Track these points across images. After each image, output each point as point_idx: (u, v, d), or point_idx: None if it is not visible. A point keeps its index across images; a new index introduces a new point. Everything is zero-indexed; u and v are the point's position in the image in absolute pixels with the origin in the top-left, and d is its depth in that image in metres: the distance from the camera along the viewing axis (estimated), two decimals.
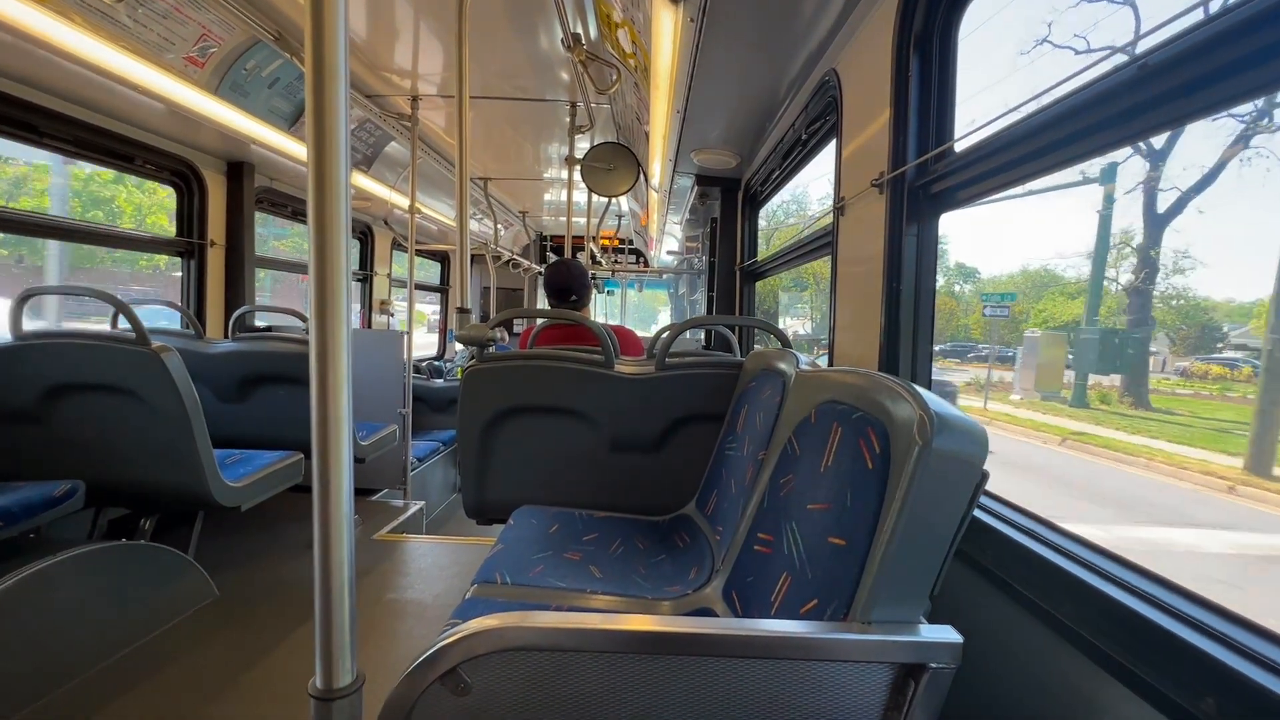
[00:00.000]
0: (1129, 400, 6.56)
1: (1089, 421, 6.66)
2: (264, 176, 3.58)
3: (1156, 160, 6.24)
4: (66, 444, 2.06)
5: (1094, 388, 7.05)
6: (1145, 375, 6.65)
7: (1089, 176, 5.46)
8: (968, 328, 15.41)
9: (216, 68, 2.48)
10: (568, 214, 3.74)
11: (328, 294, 0.70)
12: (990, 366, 10.69)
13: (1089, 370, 6.91)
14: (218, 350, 2.71)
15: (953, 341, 15.52)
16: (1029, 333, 8.87)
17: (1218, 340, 7.20)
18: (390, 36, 2.61)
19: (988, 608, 1.09)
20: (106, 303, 2.06)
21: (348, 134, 0.71)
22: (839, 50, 1.85)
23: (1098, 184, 5.68)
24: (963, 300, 16.72)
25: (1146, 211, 6.48)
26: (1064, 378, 7.72)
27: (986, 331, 14.59)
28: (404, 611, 2.13)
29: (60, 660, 1.61)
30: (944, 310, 15.79)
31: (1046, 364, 7.95)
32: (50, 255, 3.65)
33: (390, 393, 3.40)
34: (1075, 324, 9.81)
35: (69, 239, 2.83)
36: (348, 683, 0.73)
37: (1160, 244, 6.60)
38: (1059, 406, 7.36)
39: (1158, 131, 0.83)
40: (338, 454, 0.72)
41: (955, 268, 17.33)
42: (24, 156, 3.39)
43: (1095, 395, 6.99)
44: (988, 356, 13.56)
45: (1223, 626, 0.71)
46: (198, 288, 3.27)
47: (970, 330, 15.17)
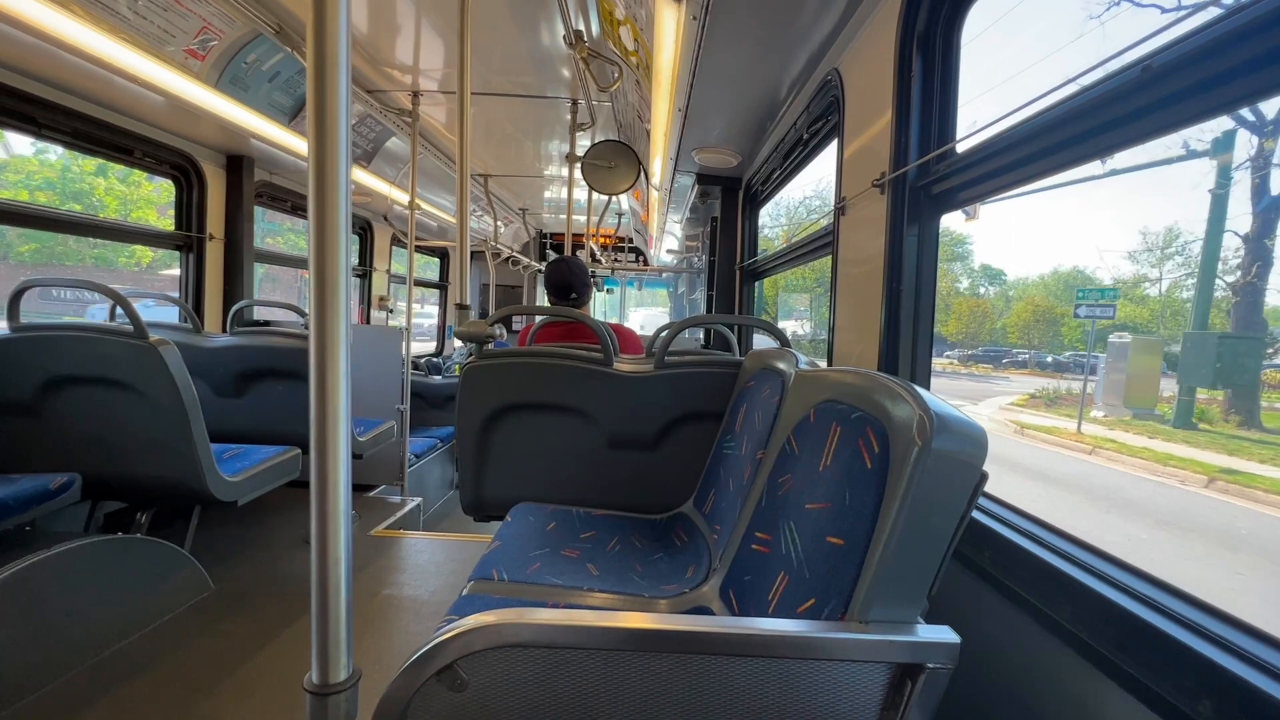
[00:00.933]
0: (1236, 418, 5.27)
1: (1212, 449, 5.20)
2: (263, 171, 3.57)
3: (1266, 131, 4.94)
4: (63, 437, 2.06)
5: None
6: (1257, 388, 5.36)
7: (1193, 150, 4.46)
8: (1004, 330, 14.98)
9: (217, 61, 2.47)
10: (568, 211, 3.73)
11: (327, 289, 0.70)
12: (1058, 377, 9.38)
13: (1199, 382, 5.45)
14: (216, 344, 2.71)
15: (986, 346, 15.01)
16: (1115, 337, 7.23)
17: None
18: (392, 31, 2.60)
19: (985, 608, 1.09)
20: (105, 295, 2.06)
21: (349, 129, 0.71)
22: (841, 49, 1.84)
23: (1208, 158, 4.61)
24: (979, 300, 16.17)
25: (1258, 191, 5.21)
26: (1158, 390, 6.54)
27: (1024, 335, 13.75)
28: (401, 607, 2.13)
29: (56, 653, 1.61)
30: (977, 312, 15.54)
31: (1139, 375, 6.56)
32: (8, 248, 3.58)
33: (389, 389, 3.40)
34: (1129, 326, 9.32)
35: (70, 231, 2.82)
36: (344, 678, 0.73)
37: (1277, 231, 5.25)
38: (1157, 427, 6.06)
39: (1162, 134, 0.82)
40: (335, 449, 0.72)
41: (981, 269, 16.73)
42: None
43: None
44: (1026, 362, 12.58)
45: (1220, 629, 0.71)
46: (196, 282, 3.26)
47: (1007, 333, 14.67)
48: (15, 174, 3.59)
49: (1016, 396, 9.59)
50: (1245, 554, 3.43)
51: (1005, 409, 8.73)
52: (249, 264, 3.43)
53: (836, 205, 1.82)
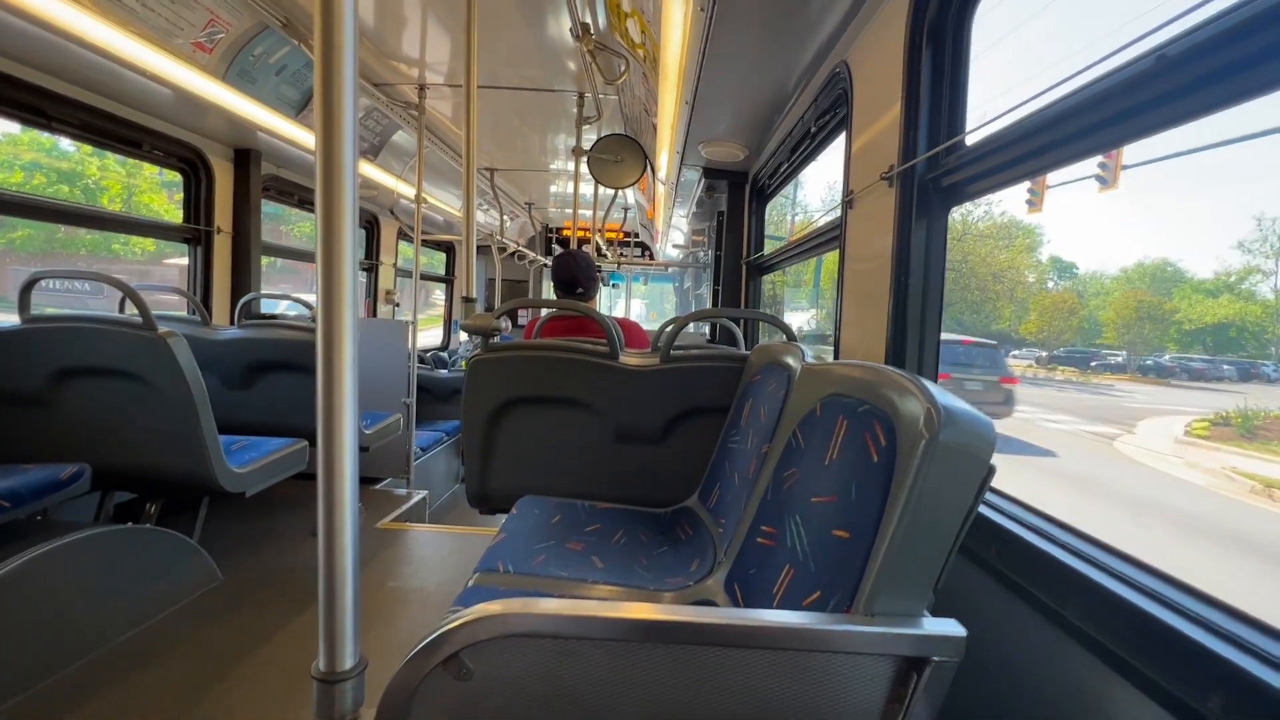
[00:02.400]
0: None
1: None
2: (271, 164, 3.58)
3: None
4: (73, 427, 2.08)
5: None
6: None
7: None
8: (1087, 328, 13.28)
9: (224, 54, 2.47)
10: (574, 206, 3.73)
11: (334, 282, 0.70)
12: (1181, 385, 7.21)
13: None
14: (224, 337, 2.72)
15: (1070, 346, 13.39)
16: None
17: None
18: (398, 24, 2.60)
19: (992, 602, 1.08)
20: (114, 288, 2.07)
21: (356, 122, 0.71)
22: (850, 41, 1.83)
23: None
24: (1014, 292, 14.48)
25: None
26: None
27: (1123, 334, 11.80)
28: (407, 598, 2.14)
29: (66, 641, 1.63)
30: (1062, 307, 14.14)
31: None
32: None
33: (395, 382, 3.41)
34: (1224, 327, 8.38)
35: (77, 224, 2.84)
36: (350, 666, 0.74)
37: None
38: None
39: (1175, 124, 0.81)
40: (342, 442, 0.72)
41: (1050, 261, 15.27)
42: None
43: None
44: (1123, 365, 10.68)
45: (1230, 625, 0.71)
46: (204, 274, 3.27)
47: (1099, 331, 12.92)
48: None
49: (1181, 418, 6.69)
50: None
51: (1186, 442, 5.85)
52: (256, 257, 3.44)
53: (844, 199, 1.81)
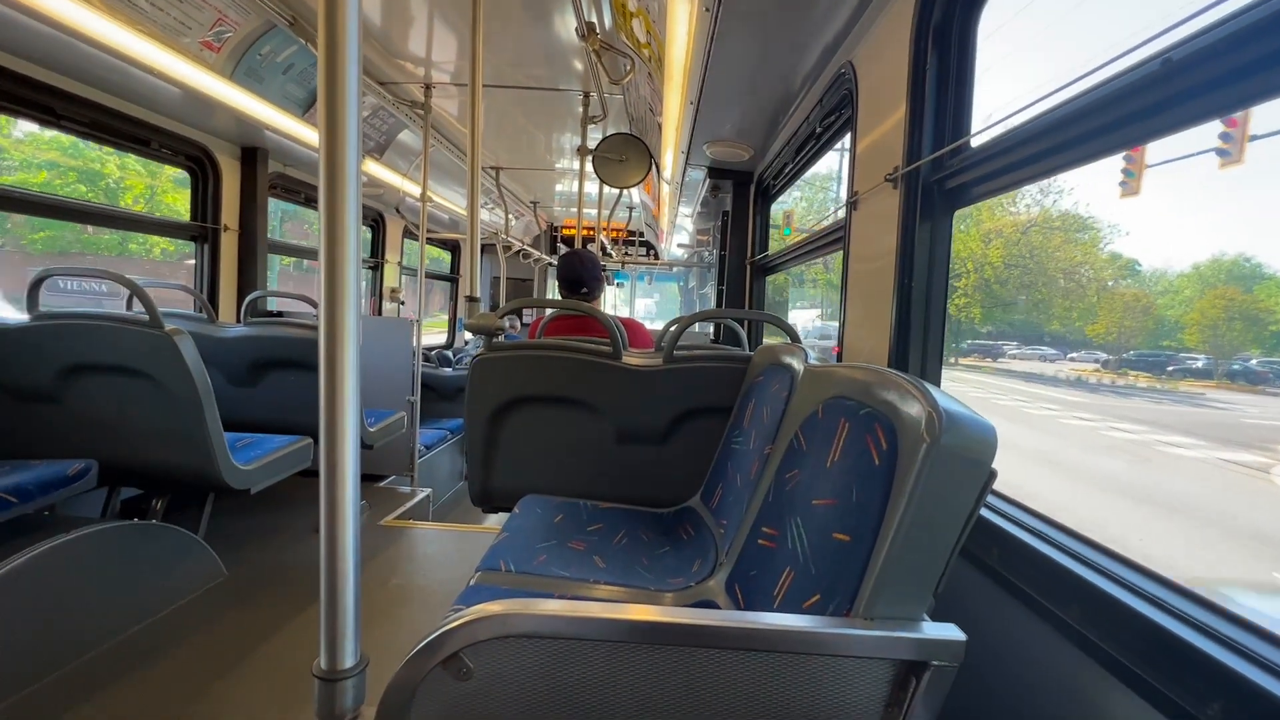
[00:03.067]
0: None
1: None
2: (277, 163, 3.59)
3: None
4: (81, 423, 2.09)
5: None
6: None
7: None
8: (1169, 329, 11.85)
9: (231, 53, 2.48)
10: (578, 205, 3.73)
11: (337, 280, 0.71)
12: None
13: None
14: (230, 334, 2.74)
15: (1140, 350, 12.10)
16: None
17: None
18: (404, 23, 2.61)
19: (992, 607, 1.08)
20: (122, 285, 2.08)
21: (359, 120, 0.71)
22: (856, 42, 1.82)
23: None
24: None
25: None
26: None
27: (1207, 336, 10.81)
28: (409, 596, 2.15)
29: (72, 635, 1.65)
30: (1135, 305, 12.82)
31: None
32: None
33: (399, 380, 3.42)
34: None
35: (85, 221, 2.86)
36: (351, 664, 0.74)
37: None
38: None
39: (1182, 128, 0.81)
40: (345, 439, 0.73)
41: (1108, 259, 14.05)
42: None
43: None
44: (1212, 371, 9.88)
45: (1230, 631, 0.71)
46: (211, 272, 3.29)
47: (1180, 333, 11.64)
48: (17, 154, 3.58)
49: None
50: None
51: None
52: (263, 255, 3.46)
53: (849, 200, 1.81)
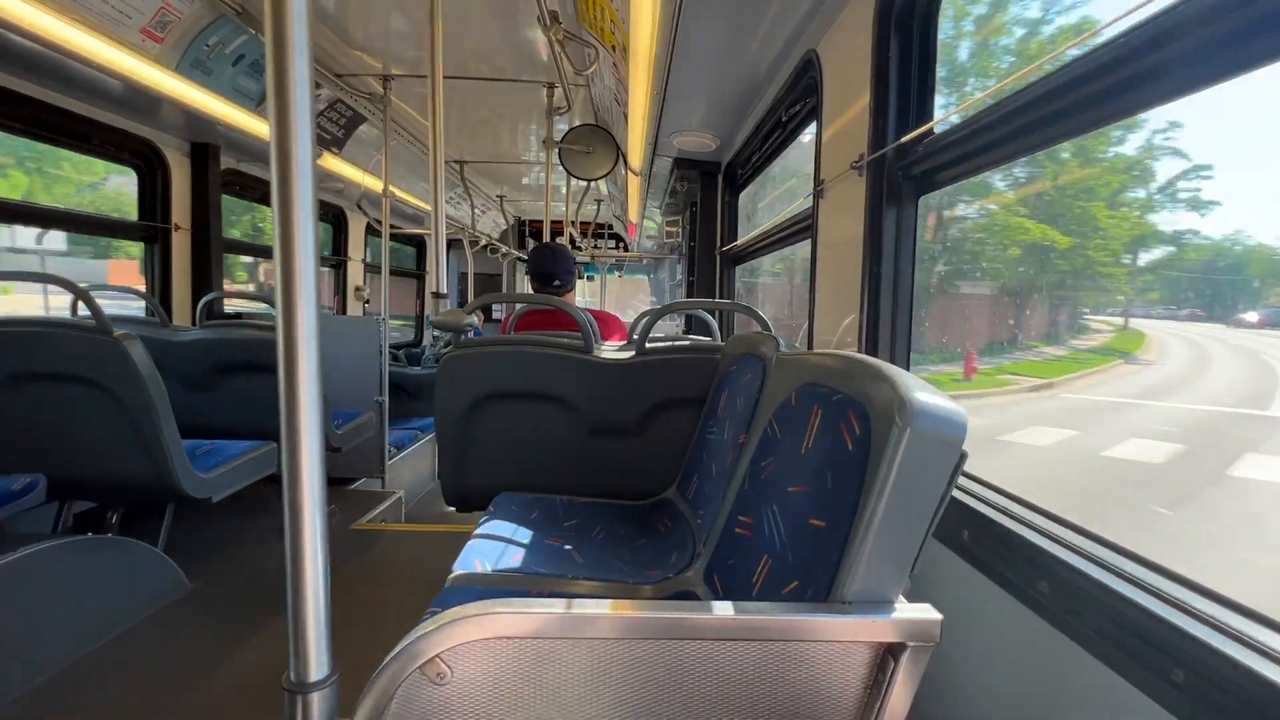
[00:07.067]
0: None
1: None
2: (230, 158, 3.46)
3: None
4: (24, 436, 1.99)
5: None
6: None
7: None
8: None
9: (176, 43, 2.37)
10: (546, 198, 3.68)
11: (294, 278, 0.68)
12: None
13: None
14: (185, 338, 2.63)
15: None
16: None
17: None
18: (361, 12, 2.52)
19: (966, 585, 1.10)
20: (65, 289, 1.98)
21: (312, 113, 0.68)
22: (820, 31, 1.83)
23: None
24: None
25: None
26: None
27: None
28: (383, 601, 2.11)
29: (27, 658, 1.57)
30: None
31: None
32: None
33: (367, 380, 3.34)
34: None
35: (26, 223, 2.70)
36: (322, 675, 0.72)
37: None
38: None
39: (1139, 111, 0.83)
40: (306, 442, 0.70)
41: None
42: None
43: None
44: None
45: (1197, 602, 0.73)
46: (163, 274, 3.16)
47: None
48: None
49: None
50: None
51: None
52: (218, 254, 3.33)
53: (816, 188, 1.82)
